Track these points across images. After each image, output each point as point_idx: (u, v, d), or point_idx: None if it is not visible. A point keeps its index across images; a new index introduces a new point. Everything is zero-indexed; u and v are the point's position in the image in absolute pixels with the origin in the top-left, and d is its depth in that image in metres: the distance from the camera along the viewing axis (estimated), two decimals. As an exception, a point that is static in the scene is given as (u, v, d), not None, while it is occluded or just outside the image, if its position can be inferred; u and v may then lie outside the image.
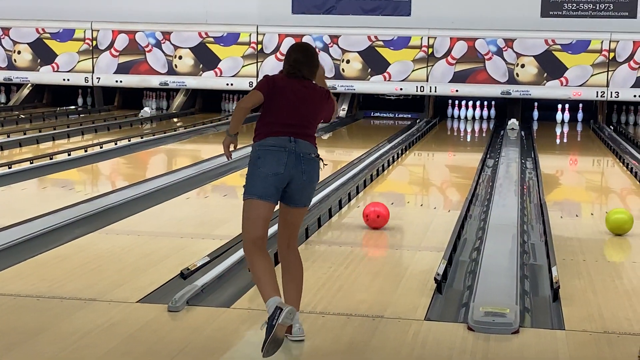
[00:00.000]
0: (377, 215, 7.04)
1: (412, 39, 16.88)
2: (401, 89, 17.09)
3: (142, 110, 17.18)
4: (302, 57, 4.50)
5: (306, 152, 4.31)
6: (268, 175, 4.21)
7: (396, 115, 17.87)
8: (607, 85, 16.30)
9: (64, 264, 5.82)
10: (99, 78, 17.91)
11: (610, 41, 16.24)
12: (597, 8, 16.68)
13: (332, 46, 17.11)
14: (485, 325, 4.57)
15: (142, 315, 4.74)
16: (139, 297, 5.06)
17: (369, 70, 17.06)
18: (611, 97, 16.37)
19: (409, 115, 17.71)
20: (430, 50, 16.82)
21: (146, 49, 17.74)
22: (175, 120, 16.83)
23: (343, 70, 17.14)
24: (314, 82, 4.54)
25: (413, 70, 16.90)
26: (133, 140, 12.65)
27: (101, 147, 11.82)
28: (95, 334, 4.42)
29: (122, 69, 17.83)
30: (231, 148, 4.49)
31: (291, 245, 4.45)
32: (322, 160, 4.42)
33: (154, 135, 13.46)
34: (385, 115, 17.95)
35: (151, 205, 7.84)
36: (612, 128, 16.22)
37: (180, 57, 17.66)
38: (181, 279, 5.44)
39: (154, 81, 17.83)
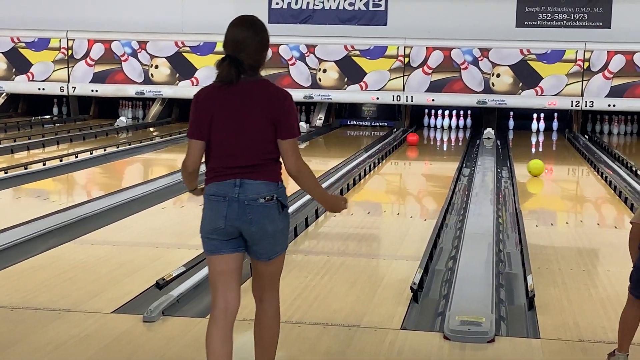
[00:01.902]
0: None
1: (388, 48, 16.93)
2: (377, 99, 17.13)
3: (118, 120, 17.10)
4: (240, 34, 3.51)
5: (252, 197, 3.46)
6: (209, 231, 3.54)
7: (373, 124, 17.91)
8: (582, 95, 16.42)
9: (38, 275, 5.77)
10: (75, 87, 17.82)
11: (584, 51, 16.37)
12: (572, 18, 16.81)
13: (308, 55, 17.13)
14: (461, 334, 4.58)
15: (117, 326, 4.71)
16: (114, 307, 5.03)
17: (346, 79, 17.09)
18: (586, 106, 16.49)
19: (386, 124, 17.76)
20: (407, 59, 16.88)
21: (122, 58, 17.68)
22: (151, 129, 16.77)
23: (320, 79, 17.16)
24: (261, 78, 3.59)
25: (389, 80, 16.95)
26: (109, 150, 12.59)
27: (76, 157, 11.75)
28: (69, 345, 4.39)
29: (97, 78, 17.75)
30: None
31: (265, 299, 3.69)
32: (281, 202, 3.52)
33: (130, 145, 13.41)
34: (361, 124, 17.98)
35: (127, 215, 7.80)
36: (587, 137, 16.34)
37: (156, 67, 17.61)
38: (157, 289, 5.41)
39: (130, 90, 17.76)
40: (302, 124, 16.62)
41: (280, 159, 3.56)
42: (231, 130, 3.49)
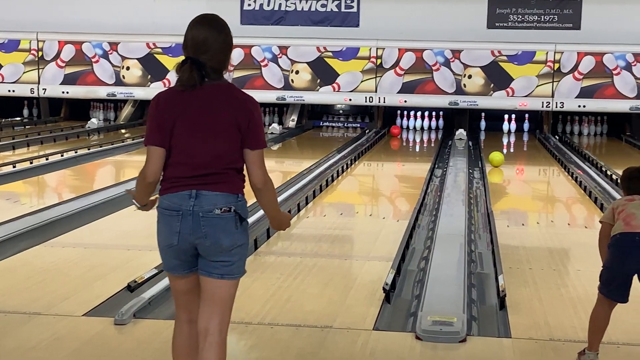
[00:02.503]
0: None
1: (360, 49, 16.95)
2: (350, 100, 17.15)
3: (89, 122, 16.99)
4: (201, 34, 3.27)
5: (208, 208, 3.23)
6: (164, 247, 3.35)
7: (345, 126, 17.93)
8: (552, 96, 16.53)
9: (8, 278, 5.73)
10: (45, 89, 17.68)
11: (555, 52, 16.48)
12: (542, 20, 16.93)
13: (281, 57, 17.12)
14: (432, 334, 4.60)
15: (88, 329, 4.68)
16: (85, 310, 5.00)
17: (318, 80, 17.09)
18: (556, 107, 16.60)
19: (359, 126, 17.79)
20: (379, 61, 16.92)
21: (93, 60, 17.57)
22: (123, 131, 16.67)
23: (292, 81, 17.15)
24: (225, 82, 3.34)
25: (362, 81, 16.97)
26: (80, 152, 12.51)
27: (47, 159, 11.67)
28: (39, 349, 4.36)
29: (68, 79, 17.62)
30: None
31: (210, 331, 3.32)
32: (239, 215, 3.28)
33: (101, 147, 13.33)
34: (334, 125, 17.99)
35: (98, 218, 7.75)
36: (558, 138, 16.46)
37: (127, 68, 17.52)
38: (128, 292, 5.38)
39: (101, 92, 17.65)
40: (275, 126, 16.62)
41: (243, 170, 3.35)
42: (193, 137, 3.26)
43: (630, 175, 4.35)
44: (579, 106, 16.57)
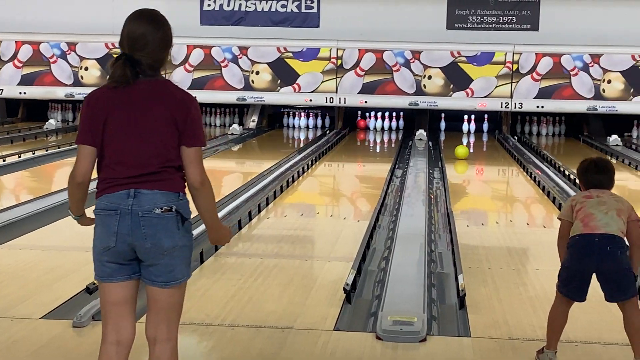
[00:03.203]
0: None
1: (321, 50, 16.97)
2: (311, 100, 17.15)
3: (47, 123, 16.82)
4: (138, 29, 3.18)
5: (148, 208, 3.11)
6: (100, 251, 3.21)
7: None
8: (511, 97, 16.68)
9: (-36, 281, 5.65)
10: (2, 90, 17.44)
11: (513, 53, 16.62)
12: (501, 21, 17.07)
13: (241, 57, 17.08)
14: (393, 334, 4.61)
15: (46, 332, 4.64)
16: (43, 313, 4.95)
17: (279, 81, 17.07)
18: (515, 108, 16.75)
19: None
20: (339, 61, 16.94)
21: (51, 60, 17.39)
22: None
23: (252, 81, 17.11)
24: (161, 78, 3.22)
25: (322, 82, 16.99)
26: (38, 153, 12.37)
27: (4, 160, 11.52)
28: (-4, 352, 4.30)
29: (26, 80, 17.41)
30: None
31: (159, 340, 3.25)
32: (181, 214, 3.17)
33: (59, 148, 13.19)
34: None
35: (56, 219, 7.66)
36: (517, 138, 16.61)
37: (86, 69, 17.36)
38: (87, 294, 5.33)
39: (59, 93, 17.47)
40: (235, 126, 16.57)
41: (183, 169, 3.22)
42: (127, 136, 3.13)
43: (587, 167, 4.33)
44: (538, 107, 16.73)
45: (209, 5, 17.47)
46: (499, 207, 9.96)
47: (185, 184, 3.24)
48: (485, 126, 17.61)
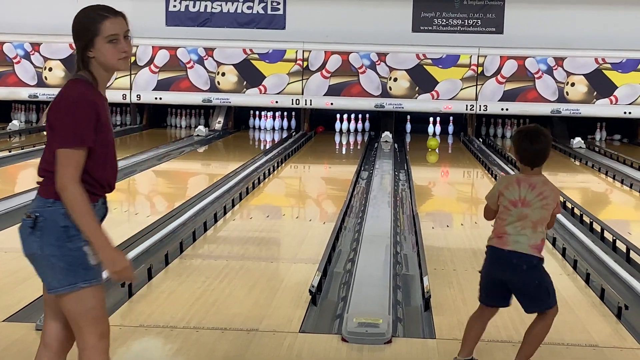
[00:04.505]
0: None
1: (287, 52, 16.96)
2: (277, 102, 17.14)
3: (10, 124, 16.63)
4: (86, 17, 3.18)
5: (25, 215, 3.12)
6: None
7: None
8: (476, 99, 16.78)
9: None
10: (-36, 90, 17.25)
11: (478, 56, 16.73)
12: (466, 24, 17.18)
13: (207, 59, 17.02)
14: (358, 335, 4.62)
15: (8, 335, 4.58)
16: (5, 316, 4.89)
17: (245, 83, 17.04)
18: (480, 110, 16.86)
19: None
20: (305, 63, 16.94)
21: (14, 61, 17.21)
22: (45, 133, 16.34)
23: (218, 83, 17.07)
24: (72, 78, 3.12)
25: (288, 84, 16.98)
26: (0, 154, 12.23)
27: (-34, 162, 11.39)
28: (-43, 356, 4.25)
29: (-12, 80, 17.23)
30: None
31: (66, 350, 3.29)
32: (36, 220, 3.08)
33: (22, 149, 13.06)
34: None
35: (18, 222, 7.58)
36: (481, 140, 16.72)
37: (50, 69, 17.21)
38: (50, 297, 5.28)
39: (22, 93, 17.30)
40: (201, 128, 16.51)
41: None
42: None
43: (523, 137, 4.05)
44: (502, 109, 16.85)
45: (174, 6, 17.40)
46: (464, 208, 10.02)
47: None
48: (451, 128, 17.70)
